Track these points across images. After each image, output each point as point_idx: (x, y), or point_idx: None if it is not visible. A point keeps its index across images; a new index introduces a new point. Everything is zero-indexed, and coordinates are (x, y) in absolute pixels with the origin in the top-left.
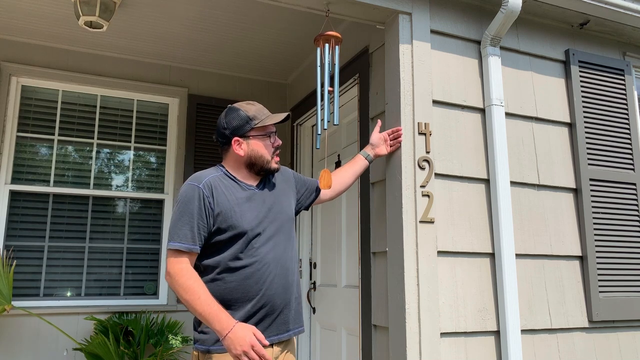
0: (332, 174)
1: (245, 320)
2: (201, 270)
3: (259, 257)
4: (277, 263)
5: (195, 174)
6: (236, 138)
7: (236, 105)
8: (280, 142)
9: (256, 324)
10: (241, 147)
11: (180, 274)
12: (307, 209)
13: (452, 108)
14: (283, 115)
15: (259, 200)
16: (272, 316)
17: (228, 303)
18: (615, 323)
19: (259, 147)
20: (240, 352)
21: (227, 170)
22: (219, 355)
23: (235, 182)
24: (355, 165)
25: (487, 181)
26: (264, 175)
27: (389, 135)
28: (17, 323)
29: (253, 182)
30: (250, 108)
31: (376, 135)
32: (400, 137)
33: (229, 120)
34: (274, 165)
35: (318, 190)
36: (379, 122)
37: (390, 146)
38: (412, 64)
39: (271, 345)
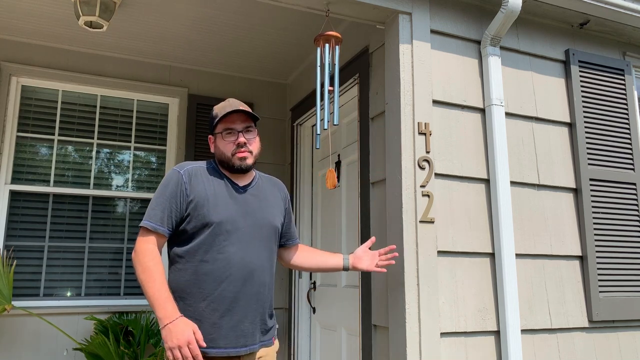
0: (309, 250)
1: (198, 318)
2: (171, 258)
3: (222, 256)
4: (243, 268)
5: (183, 162)
6: (209, 136)
7: (216, 104)
8: (243, 140)
9: (211, 328)
10: (212, 145)
11: (144, 253)
12: None
13: (452, 108)
14: (227, 110)
15: (240, 200)
16: (229, 324)
17: (185, 296)
18: (615, 323)
19: (221, 144)
20: (175, 346)
21: (217, 165)
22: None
23: (222, 177)
24: (329, 260)
25: (487, 181)
26: (238, 174)
27: (380, 255)
28: (17, 323)
29: (240, 182)
30: (219, 106)
31: (362, 249)
32: (393, 257)
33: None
34: (236, 162)
35: (293, 245)
36: (373, 239)
37: (377, 265)
38: (412, 64)
39: (223, 357)
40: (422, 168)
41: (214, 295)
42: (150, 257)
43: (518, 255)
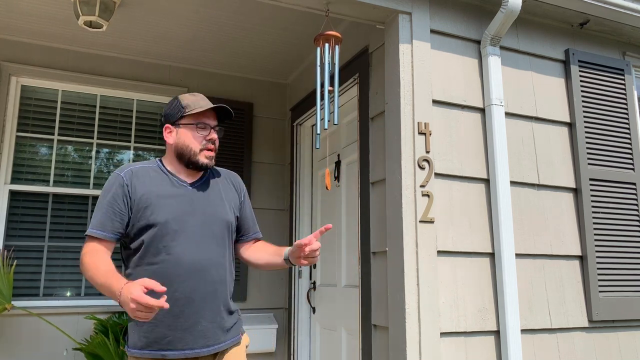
0: (262, 246)
1: (153, 322)
2: (123, 262)
3: (171, 257)
4: (196, 268)
5: (125, 164)
6: (167, 125)
7: (180, 95)
8: (215, 137)
9: (167, 330)
10: (170, 135)
11: (84, 256)
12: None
13: (452, 108)
14: (210, 105)
15: (187, 198)
16: (185, 326)
17: None
18: (615, 323)
19: (187, 137)
20: (133, 312)
21: (162, 164)
22: (130, 357)
23: (167, 175)
24: (274, 257)
25: (487, 181)
26: (200, 171)
27: (303, 246)
28: (17, 323)
29: (189, 179)
30: (189, 97)
31: (298, 242)
32: (314, 255)
33: (166, 107)
34: (202, 159)
35: (249, 239)
36: (327, 227)
37: (302, 259)
38: (412, 63)
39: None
40: (422, 168)
41: (166, 297)
42: (91, 254)
43: (518, 255)
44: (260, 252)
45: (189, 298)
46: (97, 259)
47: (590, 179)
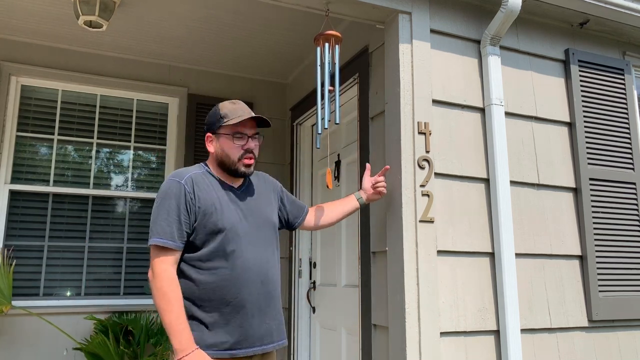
0: (324, 207)
1: (223, 326)
2: (181, 267)
3: (240, 261)
4: (259, 270)
5: (177, 170)
6: (208, 134)
7: (221, 102)
8: (252, 146)
9: (237, 329)
10: (211, 144)
11: (162, 277)
12: (291, 229)
13: (452, 108)
14: (245, 116)
15: (240, 202)
16: (253, 325)
17: (204, 304)
18: (614, 323)
19: (226, 146)
20: None
21: (209, 168)
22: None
23: (217, 180)
24: (346, 205)
25: (487, 181)
26: (241, 177)
27: (377, 180)
28: (17, 323)
29: (235, 183)
30: (227, 106)
31: (367, 180)
32: (383, 184)
33: (208, 115)
34: (241, 168)
35: (306, 214)
36: (368, 167)
37: (375, 189)
38: (412, 63)
39: (251, 357)
40: (421, 168)
41: (237, 299)
42: (168, 282)
43: (518, 255)
44: (330, 214)
45: (258, 298)
46: (173, 290)
47: (590, 179)
